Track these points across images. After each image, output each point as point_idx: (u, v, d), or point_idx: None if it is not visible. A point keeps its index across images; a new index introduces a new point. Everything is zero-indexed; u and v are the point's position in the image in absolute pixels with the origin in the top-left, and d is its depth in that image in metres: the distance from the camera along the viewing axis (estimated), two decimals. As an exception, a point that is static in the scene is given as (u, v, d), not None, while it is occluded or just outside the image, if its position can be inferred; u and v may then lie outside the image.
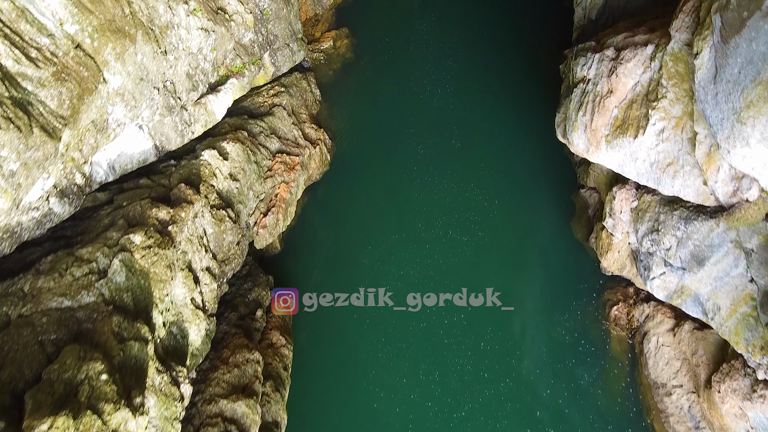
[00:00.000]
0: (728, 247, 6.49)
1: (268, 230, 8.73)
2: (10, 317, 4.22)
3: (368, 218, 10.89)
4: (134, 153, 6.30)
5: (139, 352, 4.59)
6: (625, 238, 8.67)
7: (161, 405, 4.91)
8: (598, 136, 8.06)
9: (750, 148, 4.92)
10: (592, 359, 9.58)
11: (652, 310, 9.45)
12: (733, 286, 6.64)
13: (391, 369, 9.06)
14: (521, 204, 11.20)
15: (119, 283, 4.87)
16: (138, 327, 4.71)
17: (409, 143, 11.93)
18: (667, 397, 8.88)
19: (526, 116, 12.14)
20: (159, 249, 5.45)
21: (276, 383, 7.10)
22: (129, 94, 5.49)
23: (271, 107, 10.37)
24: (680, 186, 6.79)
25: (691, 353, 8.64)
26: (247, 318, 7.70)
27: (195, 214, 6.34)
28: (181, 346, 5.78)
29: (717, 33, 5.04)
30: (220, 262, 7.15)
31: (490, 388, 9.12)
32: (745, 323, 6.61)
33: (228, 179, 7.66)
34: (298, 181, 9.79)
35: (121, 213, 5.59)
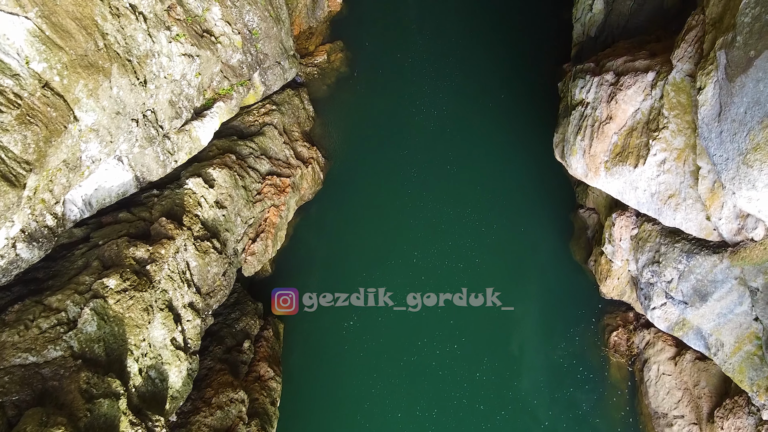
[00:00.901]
0: (732, 283, 6.23)
1: (256, 257, 8.47)
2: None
3: (361, 240, 10.62)
4: (113, 186, 6.04)
5: (109, 410, 4.33)
6: (625, 265, 8.41)
7: (134, 461, 4.65)
8: (597, 162, 7.80)
9: (756, 191, 4.66)
10: (591, 386, 9.33)
11: (652, 337, 9.19)
12: (738, 324, 6.38)
13: (384, 403, 8.80)
14: (519, 224, 10.93)
15: (90, 333, 4.61)
16: (109, 382, 4.45)
17: (404, 161, 11.67)
18: (668, 428, 8.61)
19: (524, 133, 11.87)
20: (135, 292, 5.19)
21: (262, 421, 6.83)
22: (104, 130, 5.23)
23: (262, 126, 10.11)
24: (682, 219, 6.53)
25: (693, 384, 8.38)
26: (234, 350, 7.43)
27: (176, 250, 6.08)
28: (159, 390, 5.52)
29: (722, 70, 4.78)
30: (204, 295, 6.89)
31: (488, 420, 8.86)
32: (749, 362, 6.35)
33: (214, 207, 7.40)
34: (288, 203, 9.53)
35: (96, 253, 5.33)
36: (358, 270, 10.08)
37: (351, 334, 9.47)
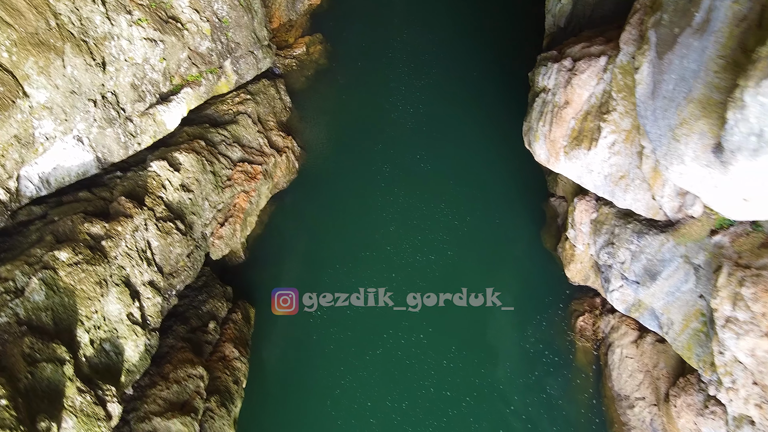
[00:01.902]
0: (678, 262, 6.38)
1: (224, 241, 8.61)
2: None
3: (336, 229, 10.75)
4: (72, 166, 6.18)
5: (53, 374, 4.48)
6: (587, 249, 8.56)
7: (81, 426, 4.79)
8: (557, 147, 7.95)
9: (685, 165, 4.81)
10: (558, 370, 9.46)
11: (616, 322, 9.33)
12: (685, 302, 6.53)
13: (353, 393, 8.89)
14: (492, 215, 11.06)
15: (37, 302, 4.76)
16: (54, 348, 4.60)
17: (380, 154, 11.80)
18: (629, 410, 8.76)
19: (499, 125, 12.01)
20: (88, 265, 5.34)
21: (223, 398, 6.98)
22: (58, 108, 5.38)
23: (236, 115, 10.25)
24: (632, 200, 6.68)
25: (652, 365, 8.53)
26: (198, 331, 7.58)
27: (135, 228, 6.22)
28: (114, 363, 5.66)
29: (653, 49, 4.93)
30: (166, 275, 7.03)
31: (454, 406, 8.97)
32: (696, 339, 6.50)
33: (179, 190, 7.55)
34: (260, 190, 9.67)
35: (50, 228, 5.48)
36: (332, 259, 10.23)
37: (321, 323, 9.59)
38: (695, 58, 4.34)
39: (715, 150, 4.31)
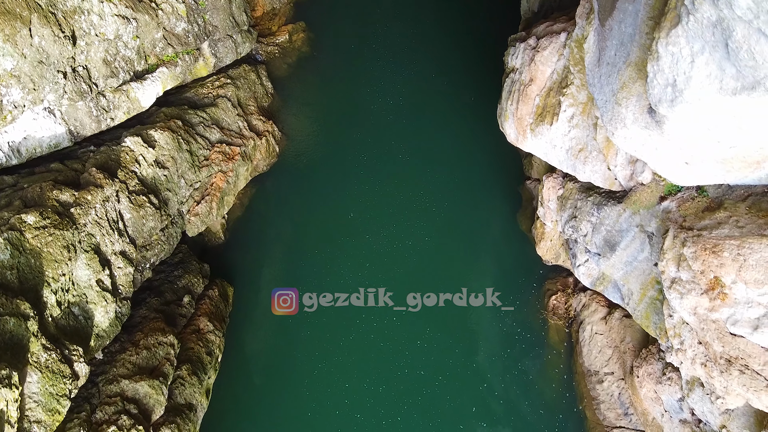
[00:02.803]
0: (634, 231, 6.56)
1: (200, 218, 8.78)
2: None
3: (316, 212, 10.93)
4: (44, 137, 6.35)
5: (15, 328, 4.65)
6: (555, 226, 8.74)
7: (46, 381, 4.96)
8: (524, 124, 8.13)
9: (627, 129, 4.98)
10: (531, 348, 9.66)
11: (587, 300, 9.52)
12: (642, 271, 6.71)
13: (329, 375, 9.01)
14: (470, 201, 11.25)
15: (2, 260, 4.93)
16: (18, 303, 4.77)
17: (360, 141, 11.97)
18: (599, 385, 8.96)
19: (479, 112, 12.19)
20: (55, 230, 5.51)
21: (195, 368, 7.15)
22: (26, 77, 5.55)
23: (216, 98, 10.42)
24: (590, 171, 6.86)
25: (620, 340, 8.72)
26: (173, 304, 7.75)
27: (105, 198, 6.39)
28: (83, 327, 5.83)
29: (596, 17, 5.11)
30: (139, 247, 7.20)
31: (428, 385, 9.14)
32: (653, 307, 6.68)
33: (153, 166, 7.72)
34: (237, 170, 9.84)
35: (19, 195, 5.65)
36: (312, 243, 10.41)
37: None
38: (631, 22, 4.52)
39: (650, 110, 4.49)
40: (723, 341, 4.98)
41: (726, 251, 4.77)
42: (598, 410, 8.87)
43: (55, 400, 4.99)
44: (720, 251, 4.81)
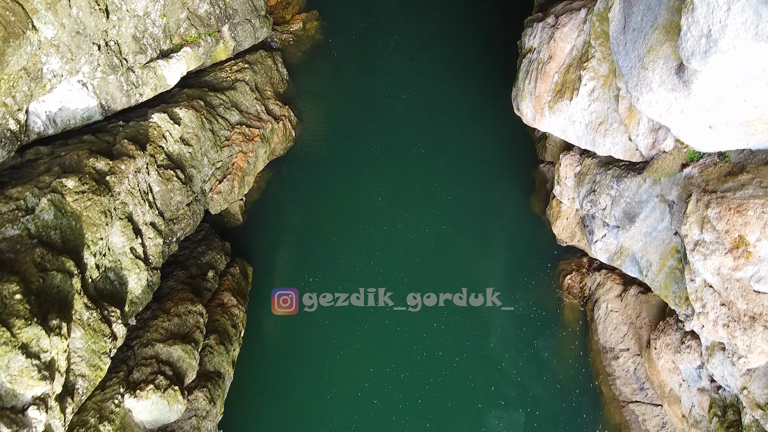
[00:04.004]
0: (655, 201, 6.69)
1: (222, 196, 8.93)
2: (-67, 246, 4.43)
3: (331, 197, 11.08)
4: (77, 109, 6.51)
5: (62, 283, 4.79)
6: (572, 204, 8.88)
7: (89, 338, 5.11)
8: (542, 102, 8.27)
9: (653, 93, 5.13)
10: (546, 326, 9.79)
11: (602, 278, 9.65)
12: (661, 241, 6.84)
13: (347, 359, 9.13)
14: (484, 186, 11.38)
15: (47, 220, 5.07)
16: (63, 261, 4.92)
17: (374, 127, 12.13)
18: (614, 361, 9.08)
19: (491, 99, 12.34)
20: (93, 195, 5.66)
21: (222, 338, 7.29)
22: (65, 46, 5.70)
23: (234, 82, 10.58)
24: (611, 144, 7.00)
25: (635, 316, 8.85)
26: (198, 278, 7.90)
27: (137, 169, 6.54)
28: (118, 292, 5.98)
29: (623, -16, 5.26)
30: (167, 220, 7.35)
31: (446, 366, 9.24)
32: (672, 276, 6.81)
33: (179, 143, 7.87)
34: (257, 152, 9.99)
35: (57, 161, 5.80)
36: (327, 231, 10.53)
37: (321, 285, 9.87)
38: (660, -14, 4.67)
39: (678, 70, 4.64)
40: (747, 299, 5.12)
41: (750, 210, 4.91)
42: (613, 386, 8.99)
43: (97, 357, 5.13)
44: (744, 210, 4.96)
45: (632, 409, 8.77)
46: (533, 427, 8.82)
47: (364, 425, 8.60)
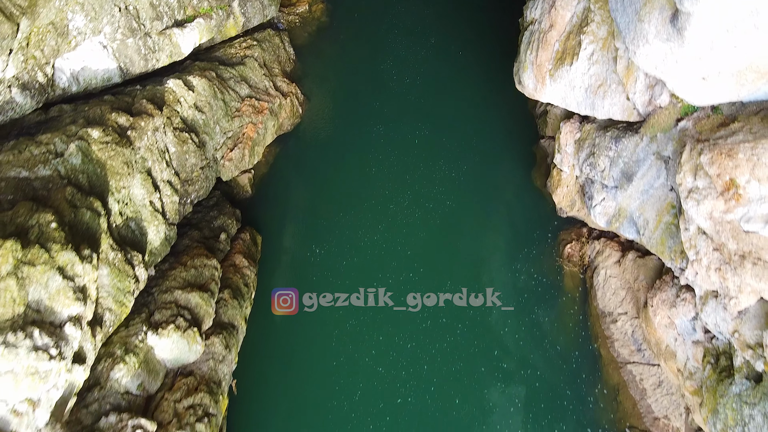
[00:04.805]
0: (651, 159, 6.98)
1: (233, 163, 9.23)
2: (-29, 183, 4.73)
3: (337, 172, 11.37)
4: (98, 69, 6.80)
5: (91, 221, 5.08)
6: (572, 171, 9.17)
7: (114, 276, 5.40)
8: (543, 71, 8.56)
9: (649, 44, 5.42)
10: (548, 293, 10.07)
11: (601, 246, 9.95)
12: (657, 198, 7.13)
13: (357, 329, 9.37)
14: (487, 163, 11.68)
15: (75, 164, 5.36)
16: (91, 201, 5.20)
17: (378, 108, 12.43)
18: (612, 324, 9.38)
19: (493, 77, 12.63)
20: (117, 146, 5.95)
21: (235, 293, 7.59)
22: (89, 5, 5.99)
23: (243, 58, 10.88)
24: (609, 105, 7.29)
25: (633, 280, 9.14)
26: (211, 239, 8.19)
27: (155, 128, 6.84)
28: (139, 241, 6.27)
29: (620, -59, 5.54)
30: (183, 181, 7.65)
31: (449, 332, 9.52)
32: (668, 232, 7.10)
33: (193, 108, 8.16)
34: (266, 124, 10.29)
35: (82, 114, 6.09)
36: (332, 205, 10.80)
37: (326, 258, 10.14)
38: (654, -61, 4.96)
39: (672, 19, 4.92)
40: (737, 239, 5.41)
41: (741, 153, 5.20)
42: (612, 348, 9.29)
43: (122, 294, 5.43)
44: (735, 154, 5.24)
45: (630, 369, 9.07)
46: (535, 387, 9.11)
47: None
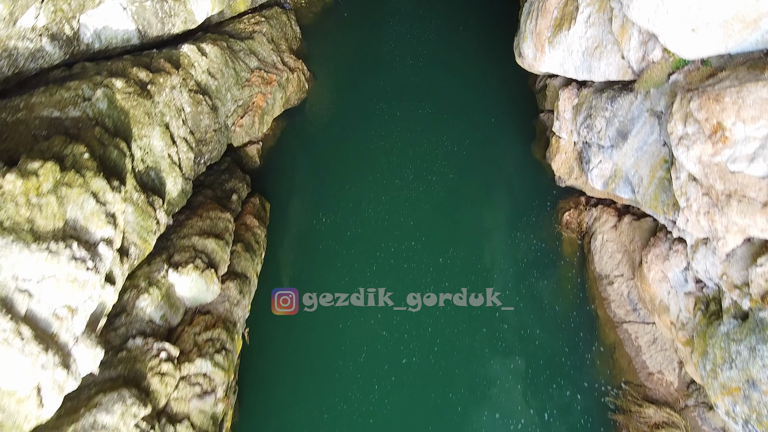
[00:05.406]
0: (645, 116, 7.32)
1: (244, 129, 9.58)
2: (6, 120, 5.06)
3: (341, 146, 11.73)
4: (118, 29, 7.15)
5: (118, 159, 5.43)
6: (570, 137, 9.51)
7: (138, 215, 5.75)
8: (542, 39, 8.90)
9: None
10: (546, 258, 10.43)
11: (598, 213, 10.30)
12: (651, 154, 7.47)
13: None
14: (488, 137, 12.05)
15: (101, 109, 5.71)
16: (117, 141, 5.55)
17: (382, 86, 12.80)
18: (609, 286, 9.73)
19: (494, 57, 12.99)
20: (138, 97, 6.30)
21: (247, 247, 7.94)
22: (111, -36, 6.35)
23: (252, 33, 11.23)
24: (605, 66, 7.63)
25: (629, 242, 9.49)
26: (223, 199, 8.54)
27: (173, 86, 7.19)
28: (158, 189, 6.63)
29: None
30: (197, 140, 8.00)
31: (452, 292, 9.86)
32: (661, 186, 7.44)
33: (206, 74, 8.51)
34: (275, 95, 10.64)
35: (105, 68, 6.44)
36: (339, 177, 11.14)
37: (332, 226, 10.49)
38: None
39: (662, -32, 5.26)
40: (724, 179, 5.75)
41: (727, 96, 5.54)
42: (608, 308, 9.65)
43: (145, 232, 5.78)
44: (722, 98, 5.58)
45: (626, 328, 9.43)
46: (534, 345, 9.47)
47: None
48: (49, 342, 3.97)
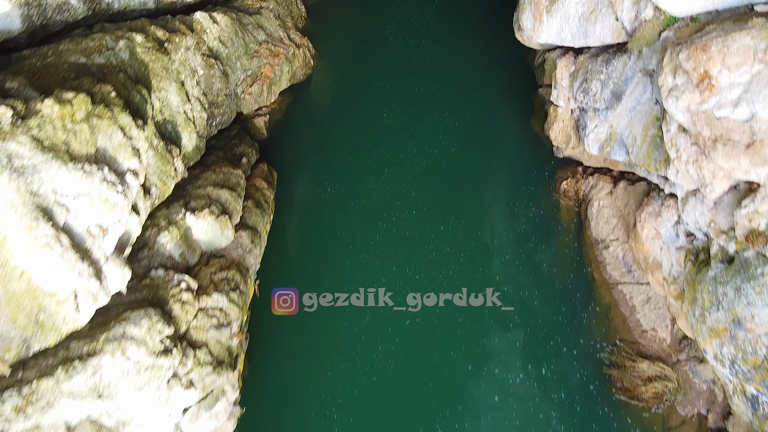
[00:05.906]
0: (638, 76, 7.67)
1: (253, 97, 9.94)
2: (36, 65, 5.41)
3: (346, 122, 12.10)
4: (137, -7, 7.52)
5: (140, 103, 5.78)
6: (567, 105, 9.86)
7: (158, 159, 6.10)
8: (541, 9, 9.25)
9: (633, -46, 6.10)
10: (544, 224, 10.79)
11: (595, 181, 10.65)
12: (644, 113, 7.82)
13: (367, 262, 10.03)
14: (488, 113, 12.43)
15: (124, 58, 6.06)
16: (139, 87, 5.91)
17: (385, 65, 13.17)
18: (605, 250, 10.08)
19: (493, 38, 13.36)
20: (156, 52, 6.66)
21: (257, 204, 8.30)
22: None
23: (260, 9, 11.59)
24: (600, 29, 7.98)
25: (624, 206, 9.84)
26: (234, 161, 8.90)
27: (187, 47, 7.54)
28: (175, 141, 6.98)
29: None
30: (209, 102, 8.35)
31: (454, 260, 10.20)
32: (653, 144, 7.79)
33: (217, 41, 8.87)
34: (282, 67, 11.00)
35: (125, 25, 6.80)
36: (342, 149, 11.51)
37: (335, 197, 10.83)
38: None
39: (651, -77, 5.61)
40: (711, 125, 6.10)
41: (713, 46, 5.89)
42: (604, 271, 9.99)
43: (164, 176, 6.13)
44: (708, 47, 5.93)
45: (620, 289, 9.78)
46: (533, 306, 9.82)
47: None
48: (84, 254, 4.32)
